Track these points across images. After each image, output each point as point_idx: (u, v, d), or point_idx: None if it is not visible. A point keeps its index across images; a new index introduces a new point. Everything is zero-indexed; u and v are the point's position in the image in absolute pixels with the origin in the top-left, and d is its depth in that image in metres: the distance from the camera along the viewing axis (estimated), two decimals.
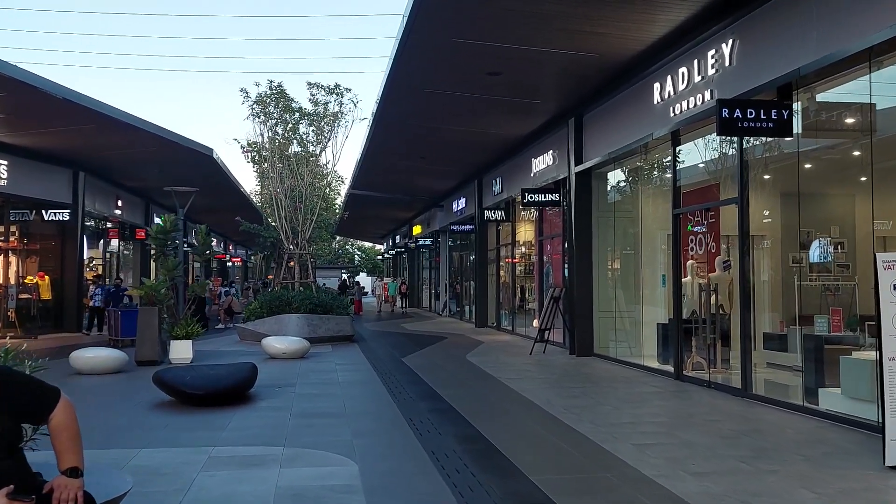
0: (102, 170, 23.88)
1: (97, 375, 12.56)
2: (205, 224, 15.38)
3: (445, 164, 23.29)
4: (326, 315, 18.89)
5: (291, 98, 19.72)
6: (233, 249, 59.80)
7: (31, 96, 15.52)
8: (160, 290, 14.05)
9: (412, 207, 36.71)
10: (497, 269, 23.52)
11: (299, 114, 19.89)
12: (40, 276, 21.82)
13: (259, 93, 19.59)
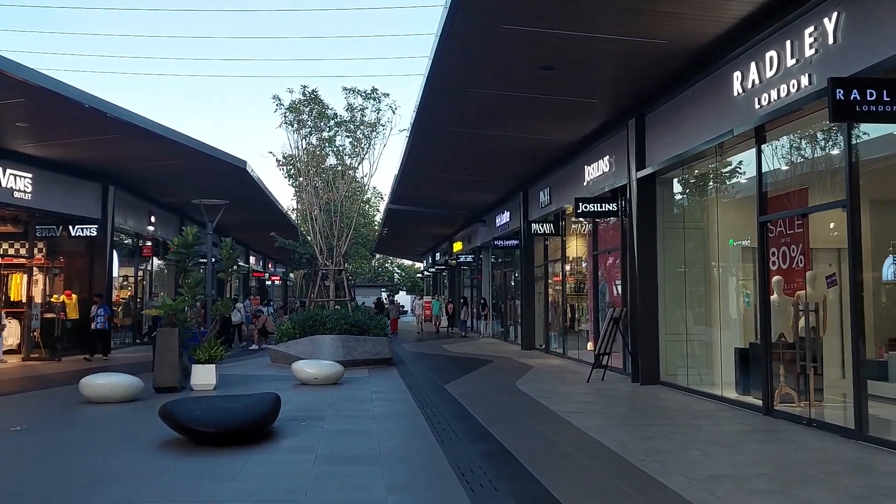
0: (133, 184, 22.96)
1: (108, 405, 11.34)
2: (230, 237, 14.07)
3: (488, 175, 21.88)
4: (363, 336, 17.54)
5: (326, 105, 18.51)
6: (272, 268, 59.04)
7: (56, 104, 14.53)
8: (181, 310, 12.82)
9: (452, 223, 35.37)
10: (545, 287, 21.97)
11: (334, 122, 18.61)
12: (67, 294, 20.86)
13: (293, 100, 18.43)
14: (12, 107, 14.35)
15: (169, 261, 13.44)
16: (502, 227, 26.24)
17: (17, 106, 14.37)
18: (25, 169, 18.22)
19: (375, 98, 18.37)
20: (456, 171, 21.44)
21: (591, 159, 16.68)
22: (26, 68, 13.10)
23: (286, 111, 18.43)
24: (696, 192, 13.63)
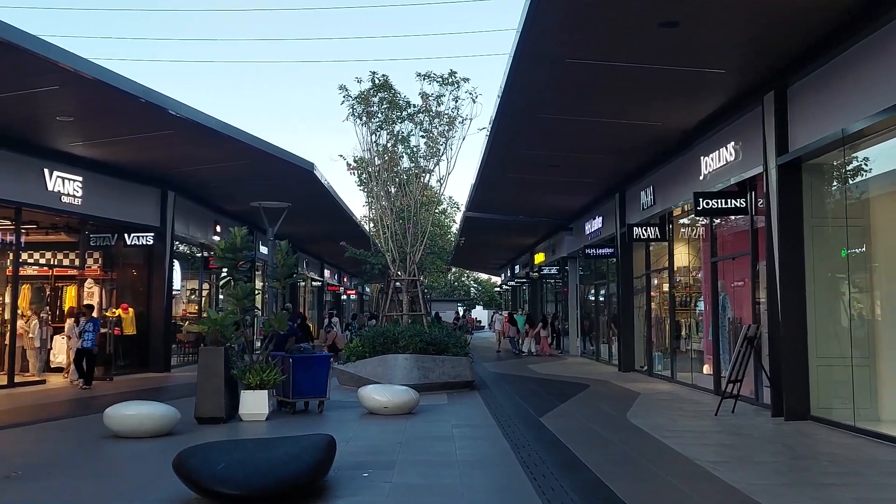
0: (195, 190, 21.42)
1: (135, 441, 9.40)
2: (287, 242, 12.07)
3: (580, 173, 19.40)
4: (440, 356, 15.29)
5: (397, 92, 16.38)
6: (347, 281, 57.64)
7: (99, 94, 12.90)
8: (227, 326, 10.85)
9: (534, 232, 32.89)
10: (647, 301, 19.30)
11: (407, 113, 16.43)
12: (123, 308, 19.38)
13: (361, 90, 16.38)
14: (49, 96, 12.74)
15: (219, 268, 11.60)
16: (593, 235, 23.67)
17: (54, 95, 12.76)
18: (74, 171, 16.74)
19: (454, 83, 16.14)
20: (542, 169, 19.04)
21: (710, 148, 14.07)
22: (57, 48, 11.42)
23: (354, 102, 16.40)
24: (856, 180, 10.88)
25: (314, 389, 11.90)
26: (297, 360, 11.80)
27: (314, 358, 12.32)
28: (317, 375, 11.88)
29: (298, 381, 11.72)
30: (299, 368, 11.75)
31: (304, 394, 11.86)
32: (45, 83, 12.12)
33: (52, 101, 13.11)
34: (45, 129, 14.69)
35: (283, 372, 11.52)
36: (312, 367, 11.92)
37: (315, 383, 11.85)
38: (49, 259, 19.55)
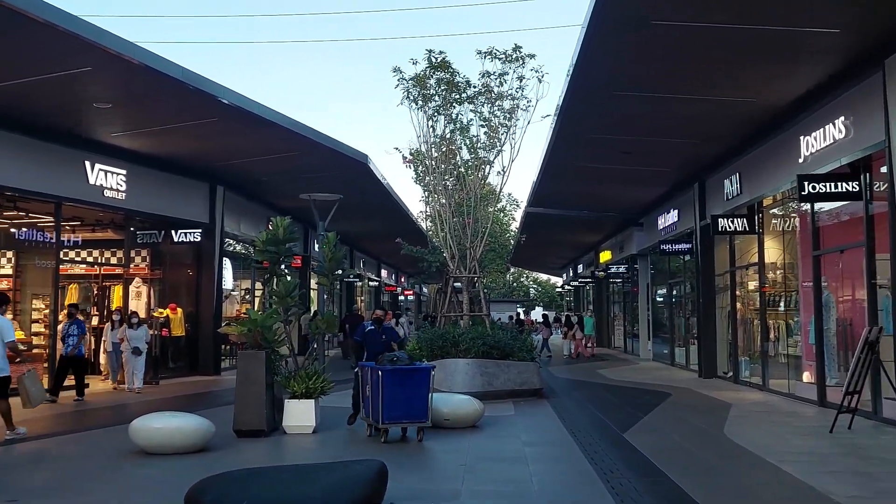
0: (246, 185, 20.48)
1: (163, 458, 8.27)
2: (334, 234, 10.83)
3: (656, 161, 17.74)
4: (505, 360, 13.91)
5: (456, 71, 14.98)
6: (405, 281, 56.66)
7: (145, 81, 11.98)
8: (270, 327, 9.67)
9: (600, 228, 31.16)
10: (732, 300, 17.54)
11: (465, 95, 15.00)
12: (172, 308, 18.51)
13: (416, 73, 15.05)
14: (84, 80, 11.80)
15: (256, 264, 10.39)
16: (667, 230, 21.95)
17: (88, 79, 11.81)
18: (117, 164, 15.88)
19: (518, 59, 14.67)
20: (614, 157, 17.47)
21: (812, 126, 12.37)
22: (92, 26, 10.44)
23: (409, 85, 15.09)
24: None
25: (412, 411, 9.22)
26: (389, 375, 9.15)
27: (411, 371, 9.36)
28: (415, 393, 9.22)
29: (391, 402, 9.10)
30: (393, 384, 9.12)
31: (399, 417, 9.26)
32: (78, 64, 11.17)
33: (87, 85, 12.16)
34: (84, 117, 13.81)
35: (372, 387, 9.36)
36: (409, 382, 9.22)
37: (413, 403, 9.20)
38: (96, 257, 18.81)
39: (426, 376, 9.46)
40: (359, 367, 10.14)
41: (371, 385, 9.42)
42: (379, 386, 9.11)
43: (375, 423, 9.33)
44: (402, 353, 9.90)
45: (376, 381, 9.21)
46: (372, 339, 10.66)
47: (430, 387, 9.35)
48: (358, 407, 10.24)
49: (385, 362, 9.34)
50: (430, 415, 9.36)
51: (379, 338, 10.63)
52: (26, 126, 13.59)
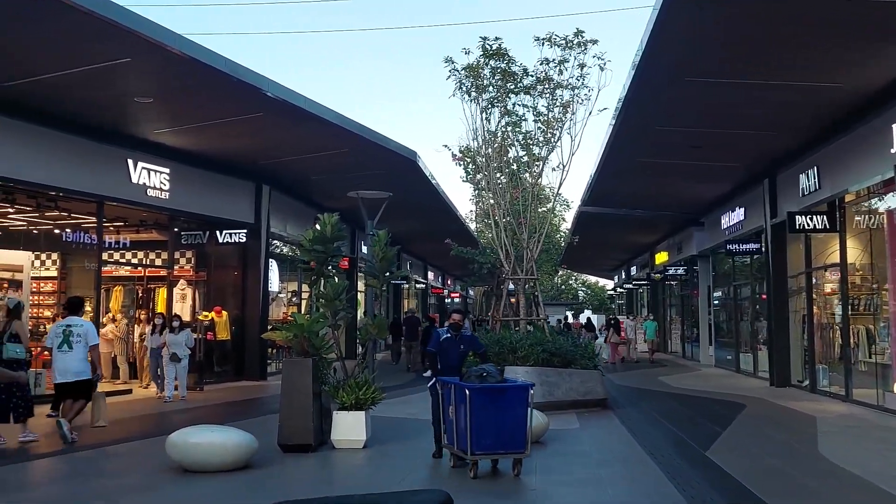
0: (292, 184, 19.90)
1: (202, 476, 7.57)
2: (385, 232, 10.02)
3: (724, 155, 16.59)
4: (567, 368, 12.98)
5: (513, 59, 14.05)
6: (451, 284, 55.87)
7: (188, 73, 11.41)
8: (317, 332, 8.94)
9: (656, 228, 29.95)
10: (808, 303, 16.31)
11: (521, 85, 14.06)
12: (217, 311, 17.98)
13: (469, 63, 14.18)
14: (124, 72, 11.25)
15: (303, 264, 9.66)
16: (732, 229, 20.75)
17: (128, 71, 11.27)
18: (160, 162, 15.38)
19: (580, 44, 13.71)
20: (680, 152, 16.42)
21: None
22: (129, 13, 9.85)
23: (461, 76, 14.24)
24: None
25: (505, 440, 7.51)
26: (477, 394, 7.51)
27: (505, 390, 7.71)
28: (509, 417, 7.52)
29: (481, 427, 7.45)
30: (482, 406, 7.49)
31: (490, 447, 7.53)
32: (117, 55, 10.61)
33: (127, 77, 11.63)
34: (125, 113, 13.31)
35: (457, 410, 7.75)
36: (503, 403, 7.56)
37: (507, 430, 7.51)
38: (140, 259, 18.40)
39: (523, 396, 7.64)
40: (436, 382, 8.51)
41: (455, 406, 7.80)
42: (465, 408, 7.47)
43: (461, 454, 7.68)
44: (490, 366, 8.09)
45: (461, 402, 7.61)
46: (449, 350, 8.68)
47: (528, 409, 7.60)
48: (439, 433, 8.48)
49: (472, 378, 7.73)
50: (530, 443, 7.68)
51: (457, 348, 8.70)
52: (67, 123, 13.15)
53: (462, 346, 8.70)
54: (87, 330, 9.71)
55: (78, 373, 9.54)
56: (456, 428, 7.78)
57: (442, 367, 8.58)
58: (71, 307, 10.20)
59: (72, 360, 9.52)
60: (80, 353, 9.57)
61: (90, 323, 10.19)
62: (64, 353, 9.54)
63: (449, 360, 8.57)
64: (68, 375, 9.50)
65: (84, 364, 9.61)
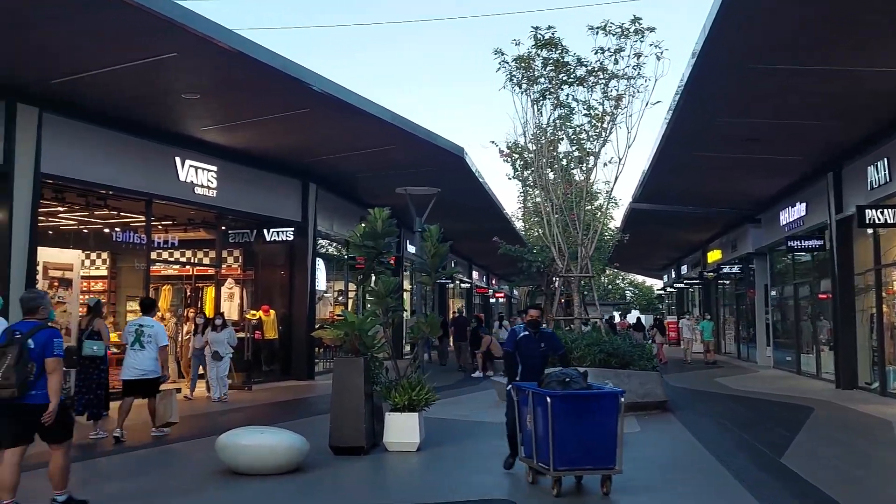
0: (339, 182, 19.69)
1: (252, 479, 7.31)
2: (438, 228, 9.65)
3: (786, 148, 15.90)
4: (625, 370, 12.49)
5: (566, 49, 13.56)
6: (496, 284, 55.40)
7: (235, 68, 11.21)
8: (367, 331, 8.63)
9: (709, 226, 29.14)
10: (877, 302, 15.52)
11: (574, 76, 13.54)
12: (264, 310, 17.83)
13: (520, 54, 13.72)
14: (171, 67, 11.10)
15: (352, 260, 9.37)
16: (792, 225, 19.96)
17: (176, 66, 11.11)
18: (208, 160, 15.27)
19: (638, 32, 13.17)
20: (738, 145, 15.77)
21: None
22: (176, 6, 9.67)
23: (512, 67, 13.80)
24: None
25: (592, 453, 6.67)
26: (560, 402, 6.66)
27: (592, 397, 6.84)
28: (597, 428, 6.68)
29: (565, 440, 6.60)
30: (566, 415, 6.65)
31: (575, 462, 6.68)
32: (164, 50, 10.45)
33: (174, 73, 11.48)
34: (173, 110, 13.19)
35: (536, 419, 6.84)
36: (589, 412, 6.72)
37: (594, 442, 6.67)
38: (188, 258, 18.36)
39: (613, 404, 6.77)
40: (512, 387, 7.57)
41: (534, 415, 6.91)
42: (547, 417, 6.58)
43: (542, 469, 6.79)
44: (573, 370, 7.20)
45: (542, 411, 6.70)
46: (528, 349, 7.77)
47: (618, 419, 6.73)
48: (514, 443, 7.58)
49: (553, 384, 6.86)
50: (621, 458, 6.74)
51: (537, 346, 7.76)
52: (116, 120, 13.06)
53: (542, 344, 7.81)
54: (158, 331, 9.91)
55: (146, 371, 9.71)
56: (535, 439, 6.88)
57: (523, 369, 7.74)
58: (144, 308, 10.39)
59: (142, 358, 9.71)
60: (150, 353, 9.76)
61: (160, 324, 10.33)
62: (135, 352, 9.75)
63: (527, 360, 7.74)
64: (136, 373, 9.70)
65: (152, 363, 9.78)
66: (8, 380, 5.49)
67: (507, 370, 8.05)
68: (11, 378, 5.49)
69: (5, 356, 5.54)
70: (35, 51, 10.29)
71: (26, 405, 5.63)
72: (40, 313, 5.95)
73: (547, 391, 6.78)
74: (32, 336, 5.68)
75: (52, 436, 5.79)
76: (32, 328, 5.76)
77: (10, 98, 11.25)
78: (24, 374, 5.54)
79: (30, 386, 5.60)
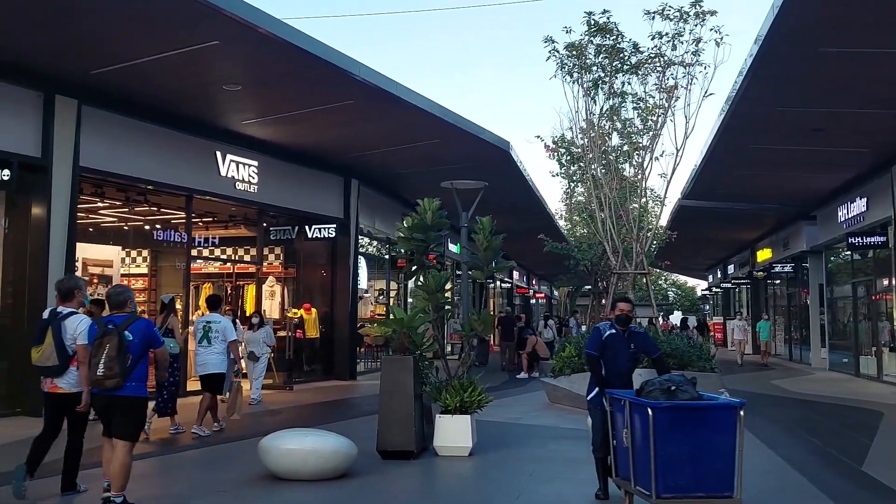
0: (381, 179, 19.30)
1: (296, 485, 6.89)
2: (490, 220, 9.13)
3: (851, 139, 15.12)
4: (682, 370, 11.84)
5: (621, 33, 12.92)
6: (536, 284, 54.68)
7: (279, 56, 10.85)
8: (416, 328, 8.17)
9: (758, 224, 28.16)
10: None
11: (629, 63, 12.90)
12: (306, 308, 17.50)
13: (572, 41, 13.10)
14: (212, 55, 10.77)
15: (399, 255, 9.00)
16: (851, 221, 19.08)
17: (217, 55, 10.79)
18: (249, 155, 14.99)
19: (698, 16, 12.51)
20: (799, 135, 15.02)
21: None
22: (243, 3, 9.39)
23: (563, 55, 13.23)
24: None
25: (706, 479, 5.40)
26: (665, 415, 5.41)
27: (706, 410, 5.52)
28: (711, 447, 5.41)
29: (671, 460, 5.38)
30: (673, 431, 5.41)
31: (685, 487, 5.40)
32: (205, 38, 10.12)
33: (215, 62, 11.16)
34: (214, 103, 12.90)
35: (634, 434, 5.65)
36: (703, 428, 5.43)
37: (708, 464, 5.39)
38: (229, 255, 18.12)
39: (731, 419, 5.42)
40: (605, 396, 6.30)
41: (631, 429, 5.69)
42: (648, 433, 5.37)
43: (642, 495, 5.58)
44: (678, 376, 5.88)
45: (643, 425, 5.47)
46: (614, 351, 6.55)
47: (737, 437, 5.39)
48: (606, 468, 6.41)
49: (656, 393, 5.60)
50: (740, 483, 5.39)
51: (626, 348, 6.56)
52: (156, 113, 12.81)
53: (633, 345, 6.58)
54: (226, 327, 9.93)
55: (214, 366, 9.80)
56: (633, 459, 5.65)
57: (609, 373, 6.52)
58: (211, 304, 10.46)
59: (209, 354, 9.81)
60: (217, 348, 9.83)
61: (228, 320, 10.33)
62: (203, 348, 9.84)
63: (612, 365, 6.52)
64: (205, 368, 9.82)
65: (219, 359, 9.84)
66: (112, 370, 5.58)
67: (593, 376, 6.70)
68: (115, 368, 5.59)
69: (103, 346, 5.62)
70: (74, 40, 10.05)
71: (124, 396, 5.71)
72: (128, 307, 6.05)
73: (648, 401, 5.49)
74: (129, 327, 5.77)
75: (123, 430, 5.75)
76: (126, 320, 5.85)
77: (48, 89, 11.03)
78: (125, 364, 5.63)
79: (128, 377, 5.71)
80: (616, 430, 6.05)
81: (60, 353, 6.07)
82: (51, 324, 6.16)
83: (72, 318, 6.19)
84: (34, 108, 10.99)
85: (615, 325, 6.65)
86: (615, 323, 6.66)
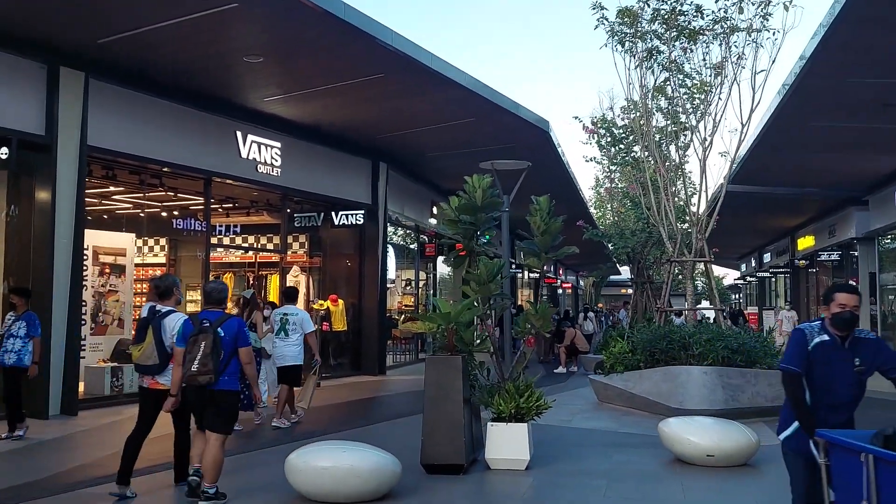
0: (410, 163, 18.26)
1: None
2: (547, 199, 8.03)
3: None
4: (751, 369, 10.71)
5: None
6: (563, 274, 53.44)
7: (303, 21, 9.81)
8: (465, 324, 7.11)
9: (800, 209, 26.76)
10: None
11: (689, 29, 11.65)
12: (332, 300, 16.53)
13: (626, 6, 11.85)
14: (232, 20, 9.74)
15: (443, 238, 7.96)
16: None
17: (236, 18, 9.75)
18: (272, 136, 13.98)
19: None
20: (866, 111, 13.77)
21: None
22: None
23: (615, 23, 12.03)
24: None
25: None
26: None
27: None
28: None
29: None
30: None
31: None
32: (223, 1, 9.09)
33: (234, 29, 10.14)
34: (234, 76, 11.88)
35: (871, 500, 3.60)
36: None
37: None
38: (251, 243, 17.15)
39: None
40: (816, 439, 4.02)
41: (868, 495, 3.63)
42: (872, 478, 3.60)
43: None
44: None
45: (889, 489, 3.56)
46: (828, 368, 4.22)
47: None
48: None
49: None
50: None
51: (849, 365, 4.20)
52: (170, 88, 11.83)
53: (858, 360, 4.19)
54: (303, 319, 9.98)
55: (292, 358, 9.84)
56: None
57: (815, 400, 4.21)
58: (287, 297, 10.51)
59: (287, 346, 9.83)
60: (294, 340, 9.85)
61: (305, 312, 10.33)
62: (281, 340, 9.87)
63: (829, 389, 4.21)
64: (283, 360, 9.84)
65: (297, 350, 9.85)
66: (206, 366, 5.76)
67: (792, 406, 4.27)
68: (209, 364, 5.77)
69: (198, 343, 5.80)
70: (80, 4, 9.05)
71: (218, 391, 5.88)
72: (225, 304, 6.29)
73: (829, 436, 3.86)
74: (221, 325, 5.92)
75: (217, 423, 5.89)
76: (220, 317, 6.01)
77: (52, 60, 10.05)
78: (218, 360, 5.80)
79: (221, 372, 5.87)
80: (839, 496, 3.88)
81: (161, 352, 6.22)
82: (151, 322, 6.32)
83: (171, 317, 6.34)
84: (37, 80, 10.03)
85: (828, 327, 4.24)
86: (832, 324, 4.22)
